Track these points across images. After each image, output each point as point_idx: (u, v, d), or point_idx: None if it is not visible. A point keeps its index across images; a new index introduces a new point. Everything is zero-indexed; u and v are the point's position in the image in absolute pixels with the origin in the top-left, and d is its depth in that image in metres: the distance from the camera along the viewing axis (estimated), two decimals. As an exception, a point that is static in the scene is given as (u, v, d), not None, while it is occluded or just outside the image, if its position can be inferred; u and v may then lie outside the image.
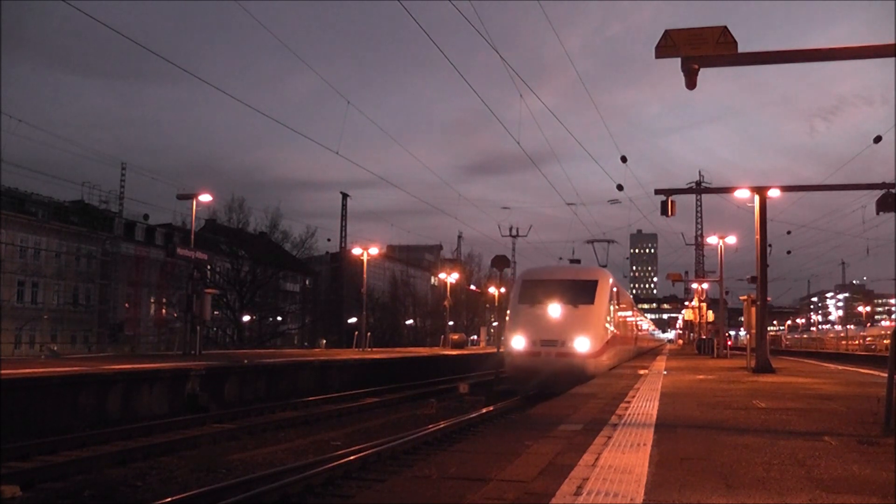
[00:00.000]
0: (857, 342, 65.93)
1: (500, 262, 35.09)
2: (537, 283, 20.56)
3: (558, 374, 17.49)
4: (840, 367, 23.58)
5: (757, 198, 20.13)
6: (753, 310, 20.23)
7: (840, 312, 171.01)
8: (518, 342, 18.82)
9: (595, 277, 20.43)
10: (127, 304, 56.18)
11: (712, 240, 38.06)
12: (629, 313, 29.96)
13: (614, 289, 21.65)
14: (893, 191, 17.29)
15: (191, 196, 27.67)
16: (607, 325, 19.96)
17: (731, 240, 35.78)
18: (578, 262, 26.32)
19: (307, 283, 76.95)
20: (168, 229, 59.00)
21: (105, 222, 56.12)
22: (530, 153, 22.40)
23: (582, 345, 18.15)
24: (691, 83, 8.68)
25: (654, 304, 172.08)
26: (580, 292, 19.53)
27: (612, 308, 20.76)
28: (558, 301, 19.11)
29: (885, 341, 51.26)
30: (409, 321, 79.16)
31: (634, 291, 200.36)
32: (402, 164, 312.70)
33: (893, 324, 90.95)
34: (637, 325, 37.02)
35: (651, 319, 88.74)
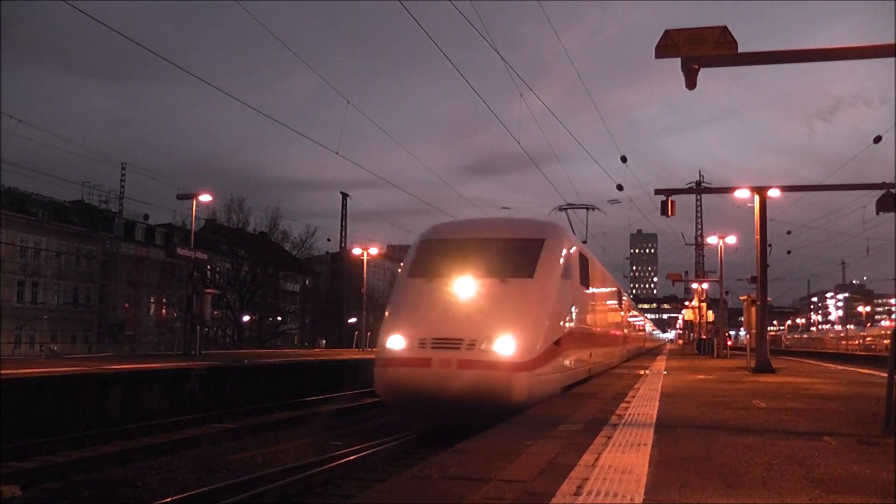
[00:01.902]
0: (856, 342, 65.90)
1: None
2: (443, 244, 13.12)
3: (463, 401, 10.56)
4: (840, 367, 23.58)
5: (757, 198, 20.13)
6: (753, 310, 20.22)
7: (840, 312, 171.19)
8: (395, 342, 11.31)
9: (539, 235, 12.92)
10: (127, 304, 56.22)
11: (712, 240, 38.08)
12: (609, 298, 20.79)
13: (577, 256, 14.05)
14: (893, 191, 17.30)
15: (191, 196, 27.70)
16: (562, 313, 12.62)
17: (731, 240, 35.82)
18: None
19: (307, 283, 76.98)
20: (168, 229, 59.06)
21: (105, 222, 56.18)
22: (530, 153, 22.54)
23: (506, 346, 10.74)
24: (691, 83, 8.68)
25: (654, 304, 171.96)
26: (513, 259, 12.32)
27: (571, 286, 13.34)
28: (474, 273, 11.86)
29: (884, 341, 51.25)
30: (409, 321, 78.94)
31: (634, 291, 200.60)
32: (402, 164, 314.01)
33: (893, 324, 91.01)
34: (624, 318, 26.75)
35: (651, 319, 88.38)
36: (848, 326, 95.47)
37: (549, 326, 11.75)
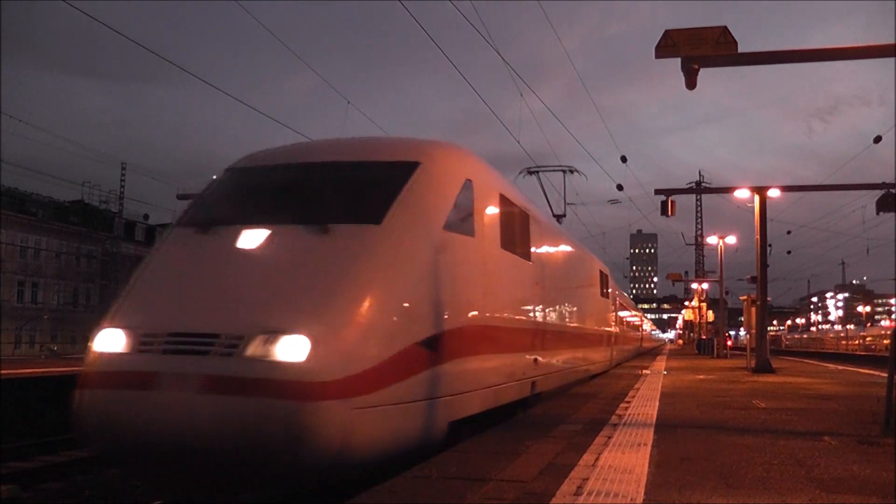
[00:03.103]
0: (856, 342, 66.02)
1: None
2: (250, 175, 7.54)
3: (211, 460, 5.01)
4: (840, 367, 23.58)
5: (757, 198, 20.15)
6: (753, 310, 20.24)
7: (840, 312, 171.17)
8: (107, 341, 5.83)
9: (410, 157, 7.09)
10: (127, 304, 56.21)
11: (712, 240, 38.17)
12: (580, 280, 15.01)
13: (496, 201, 8.21)
14: (893, 191, 17.32)
15: (191, 196, 27.72)
16: (448, 291, 6.57)
17: (731, 240, 35.88)
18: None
19: (307, 283, 76.99)
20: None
21: (105, 222, 56.22)
22: (530, 153, 22.55)
23: (300, 349, 5.10)
24: (691, 83, 8.69)
25: (654, 304, 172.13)
26: (352, 195, 6.77)
27: (475, 246, 7.43)
28: (279, 218, 6.43)
29: (884, 341, 51.30)
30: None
31: (634, 291, 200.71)
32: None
33: (893, 324, 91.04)
34: (610, 311, 20.74)
35: (651, 319, 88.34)
36: (848, 326, 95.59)
37: (404, 313, 6.05)
